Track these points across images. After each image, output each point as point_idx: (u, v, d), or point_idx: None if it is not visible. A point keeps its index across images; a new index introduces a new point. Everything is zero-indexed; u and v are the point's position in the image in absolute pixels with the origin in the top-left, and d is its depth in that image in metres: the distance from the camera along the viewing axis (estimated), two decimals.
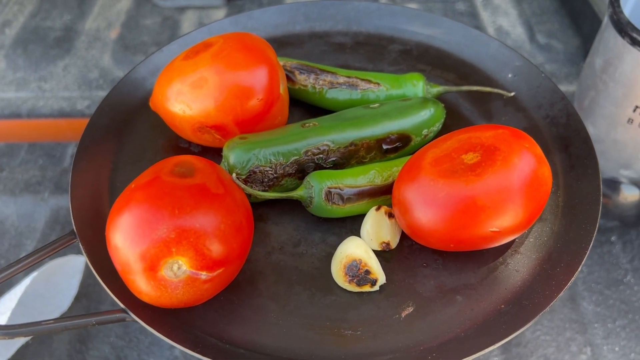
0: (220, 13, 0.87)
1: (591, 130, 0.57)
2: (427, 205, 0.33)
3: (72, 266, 0.57)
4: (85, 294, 0.58)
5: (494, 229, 0.33)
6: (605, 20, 0.54)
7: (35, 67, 0.80)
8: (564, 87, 0.76)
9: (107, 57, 0.82)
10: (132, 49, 0.83)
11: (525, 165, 0.33)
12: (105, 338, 0.56)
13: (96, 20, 0.88)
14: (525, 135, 0.34)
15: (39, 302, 0.55)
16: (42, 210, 0.65)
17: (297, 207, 0.39)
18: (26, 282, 0.53)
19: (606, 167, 0.60)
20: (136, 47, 0.84)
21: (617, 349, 0.55)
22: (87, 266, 0.58)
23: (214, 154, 0.42)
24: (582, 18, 0.83)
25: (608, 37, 0.53)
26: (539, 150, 0.34)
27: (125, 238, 0.30)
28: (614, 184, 0.61)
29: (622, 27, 0.49)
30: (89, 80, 0.79)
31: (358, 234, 0.38)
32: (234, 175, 0.34)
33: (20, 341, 0.54)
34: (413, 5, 0.86)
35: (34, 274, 0.55)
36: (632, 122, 0.53)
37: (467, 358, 0.30)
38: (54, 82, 0.79)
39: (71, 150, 0.70)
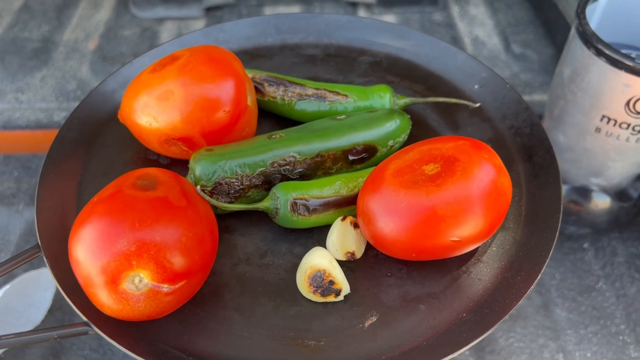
0: (200, 24, 0.87)
1: (561, 138, 0.58)
2: (389, 216, 0.34)
3: (46, 279, 0.57)
4: (59, 307, 0.58)
5: (455, 239, 0.33)
6: (572, 31, 0.55)
7: (12, 78, 0.80)
8: (538, 97, 0.78)
9: (85, 68, 0.82)
10: (111, 60, 0.83)
11: (484, 175, 0.33)
12: (79, 351, 0.55)
13: (74, 32, 0.88)
14: (485, 146, 0.35)
15: (11, 315, 0.55)
16: (17, 222, 0.64)
17: (264, 218, 0.39)
18: None
19: (577, 175, 0.61)
20: (114, 58, 0.84)
21: (589, 354, 0.56)
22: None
23: (182, 165, 0.42)
24: (556, 28, 0.85)
25: (575, 48, 0.54)
26: (498, 160, 0.34)
27: (86, 251, 0.30)
28: (585, 192, 0.62)
29: (588, 38, 0.50)
30: (67, 91, 0.79)
31: (324, 245, 0.38)
32: (198, 187, 0.34)
33: None
34: (391, 16, 0.87)
35: (6, 287, 0.55)
36: (599, 131, 0.54)
37: None
38: (31, 93, 0.78)
39: None
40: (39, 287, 0.57)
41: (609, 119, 0.52)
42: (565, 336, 0.57)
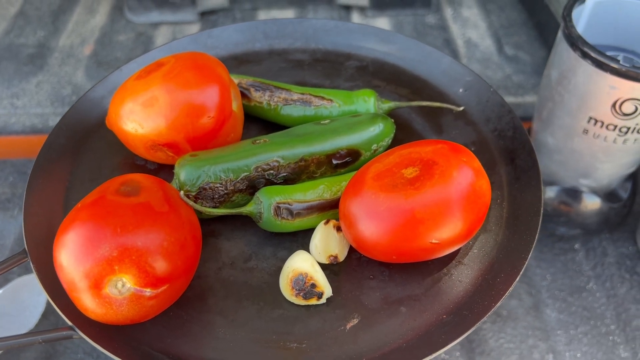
0: (194, 28, 0.88)
1: (550, 140, 0.58)
2: (369, 219, 0.34)
3: (38, 282, 0.58)
4: (53, 311, 0.58)
5: (434, 241, 0.34)
6: (559, 34, 0.55)
7: (7, 83, 0.81)
8: (530, 98, 0.78)
9: (81, 74, 0.83)
10: (106, 65, 0.84)
11: (462, 178, 0.34)
12: (73, 354, 0.56)
13: (70, 37, 0.89)
14: (464, 149, 0.35)
15: (5, 319, 0.56)
16: (12, 227, 0.65)
17: (249, 222, 0.40)
18: None
19: (566, 176, 0.61)
20: (110, 63, 0.84)
21: (579, 355, 0.56)
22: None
23: (169, 170, 0.43)
24: (548, 30, 0.85)
25: (562, 51, 0.54)
26: (477, 163, 0.35)
27: (70, 257, 0.31)
28: (575, 193, 0.63)
29: (574, 41, 0.51)
30: (62, 96, 0.80)
31: (309, 248, 0.38)
32: (181, 192, 0.35)
33: None
34: (384, 19, 0.88)
35: (0, 291, 0.55)
36: (587, 133, 0.54)
37: None
38: (26, 98, 0.79)
39: None
40: (32, 290, 0.57)
41: (596, 121, 0.52)
42: (555, 337, 0.58)
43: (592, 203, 0.62)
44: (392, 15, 0.87)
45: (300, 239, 0.39)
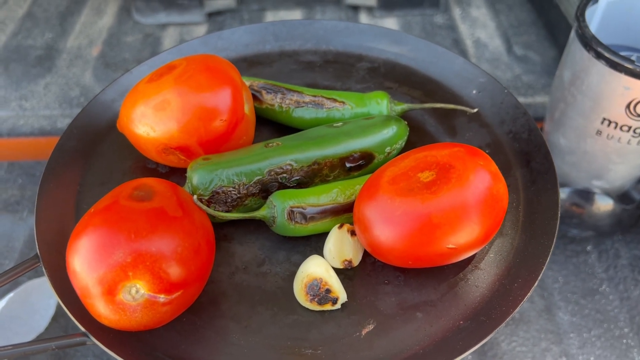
0: (201, 29, 0.88)
1: (562, 141, 0.58)
2: (385, 223, 0.34)
3: (49, 287, 0.57)
4: (63, 314, 0.58)
5: (451, 246, 0.33)
6: (572, 34, 0.55)
7: (16, 85, 0.81)
8: (540, 98, 0.77)
9: (89, 75, 0.83)
10: (114, 67, 0.84)
11: (480, 182, 0.33)
12: (83, 357, 0.56)
13: (78, 38, 0.88)
14: (481, 153, 0.35)
15: (15, 323, 0.55)
16: (21, 229, 0.65)
17: (262, 226, 0.39)
18: (2, 303, 0.53)
19: (579, 178, 0.61)
20: (117, 64, 0.84)
21: (592, 358, 0.56)
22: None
23: (181, 174, 0.43)
24: (557, 29, 0.84)
25: (575, 51, 0.54)
26: (494, 167, 0.34)
27: (83, 263, 0.31)
28: (587, 195, 0.62)
29: (587, 41, 0.50)
30: (70, 98, 0.80)
31: (322, 252, 0.38)
32: (195, 197, 0.35)
33: None
34: (392, 19, 0.87)
35: (10, 295, 0.55)
36: (600, 134, 0.53)
37: None
38: (34, 100, 0.79)
39: None
40: (42, 294, 0.57)
41: (610, 122, 0.52)
42: (568, 340, 0.57)
43: (604, 205, 0.62)
44: (400, 15, 0.87)
45: (314, 243, 0.39)
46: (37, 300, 0.57)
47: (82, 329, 0.32)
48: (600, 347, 0.56)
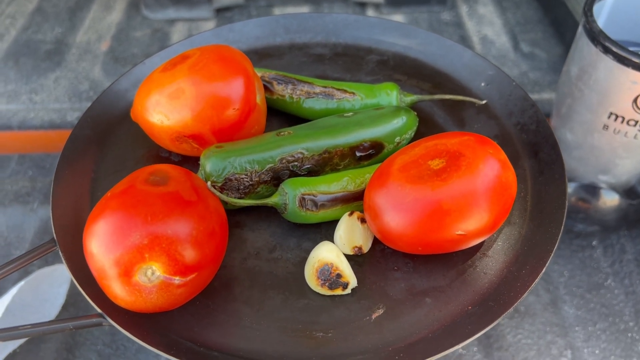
0: (210, 25, 0.88)
1: (569, 136, 0.58)
2: (395, 210, 0.34)
3: (60, 275, 0.58)
4: (73, 302, 0.59)
5: (460, 232, 0.34)
6: (580, 29, 0.55)
7: (26, 79, 0.82)
8: (547, 95, 0.78)
9: (98, 69, 0.84)
10: (122, 61, 0.85)
11: (489, 170, 0.34)
12: (93, 346, 0.56)
13: (87, 33, 0.89)
14: (490, 141, 0.35)
15: (26, 310, 0.56)
16: (32, 220, 0.66)
17: (273, 213, 0.40)
18: (13, 291, 0.54)
19: (585, 172, 0.61)
20: (126, 59, 0.85)
21: (597, 351, 0.56)
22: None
23: (193, 162, 0.43)
24: (564, 27, 0.85)
25: (582, 46, 0.54)
26: (503, 155, 0.35)
27: (100, 245, 0.31)
28: (593, 189, 0.62)
29: (595, 36, 0.51)
30: (79, 92, 0.80)
31: (332, 239, 0.39)
32: (208, 183, 0.35)
33: (7, 350, 0.55)
34: (399, 16, 0.88)
35: (21, 283, 0.56)
36: (607, 129, 0.54)
37: (432, 357, 0.31)
38: (44, 94, 0.80)
39: None
40: (53, 283, 0.58)
41: (617, 116, 0.52)
42: (573, 333, 0.58)
43: (610, 199, 0.62)
44: (407, 12, 0.87)
45: (324, 231, 0.39)
46: (48, 288, 0.58)
47: (99, 310, 0.33)
48: (605, 341, 0.57)
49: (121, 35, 0.89)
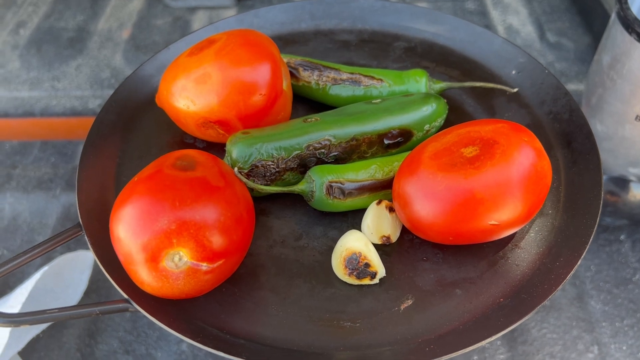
0: (231, 13, 0.88)
1: (599, 127, 0.57)
2: (426, 199, 0.33)
3: (82, 261, 0.58)
4: (95, 289, 0.59)
5: (493, 222, 0.33)
6: (613, 17, 0.53)
7: (48, 66, 0.82)
8: (574, 86, 0.76)
9: (119, 57, 0.83)
10: (144, 49, 0.84)
11: (524, 158, 0.33)
12: (114, 332, 0.56)
13: (108, 21, 0.89)
14: (525, 129, 0.34)
15: (49, 296, 0.56)
16: (54, 207, 0.66)
17: (299, 201, 0.39)
18: (36, 276, 0.54)
19: (615, 165, 0.60)
20: (147, 47, 0.85)
21: (624, 347, 0.55)
22: (96, 261, 0.59)
23: (218, 149, 0.43)
24: (592, 16, 0.83)
25: (615, 34, 0.53)
26: (538, 144, 0.34)
27: (127, 230, 0.31)
28: (622, 182, 0.61)
29: (630, 23, 0.49)
30: (101, 79, 0.80)
31: (359, 228, 0.38)
32: (235, 169, 0.35)
33: (30, 334, 0.55)
34: (423, 4, 0.86)
35: (45, 269, 0.56)
36: (639, 119, 0.52)
37: (464, 349, 0.30)
38: (66, 81, 0.80)
39: None
40: (75, 269, 0.58)
41: None
42: (600, 328, 0.56)
43: None
44: (431, 0, 0.86)
45: (350, 220, 0.39)
46: (70, 274, 0.58)
47: (125, 295, 0.33)
48: (633, 337, 0.55)
49: (142, 23, 0.89)
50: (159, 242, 0.30)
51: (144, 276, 0.31)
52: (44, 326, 0.56)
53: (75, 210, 0.65)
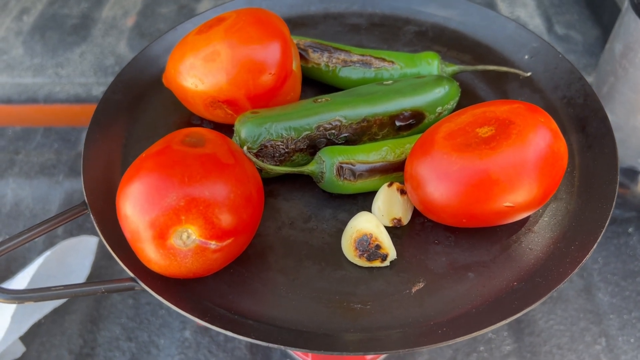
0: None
1: (610, 118, 0.56)
2: (439, 180, 0.33)
3: (85, 246, 0.58)
4: (98, 275, 0.59)
5: (508, 204, 0.32)
6: (626, 4, 0.53)
7: (52, 53, 0.81)
8: None
9: (123, 45, 0.83)
10: (148, 37, 0.84)
11: (540, 139, 0.32)
12: (117, 319, 0.56)
13: (113, 9, 0.88)
14: (541, 110, 0.34)
15: (51, 281, 0.56)
16: (57, 192, 0.65)
17: (307, 183, 0.39)
18: (39, 261, 0.53)
19: (625, 155, 0.59)
20: (152, 34, 0.84)
21: (632, 340, 0.54)
22: (100, 247, 0.58)
23: (225, 130, 0.42)
24: (602, 9, 0.82)
25: (628, 22, 0.52)
26: (554, 125, 0.33)
27: (134, 206, 0.30)
28: (632, 174, 0.60)
29: None
30: (105, 66, 0.80)
31: (369, 211, 0.37)
32: (245, 148, 0.34)
33: (32, 319, 0.54)
34: None
35: (47, 254, 0.55)
36: None
37: (477, 332, 0.29)
38: (70, 68, 0.79)
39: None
40: (78, 254, 0.57)
41: None
42: (607, 321, 0.56)
43: None
44: None
45: (360, 202, 0.38)
46: (73, 260, 0.57)
47: (131, 274, 0.32)
48: None
49: (147, 10, 0.88)
50: (167, 219, 0.30)
51: (151, 254, 0.31)
52: (46, 311, 0.55)
53: (79, 196, 0.64)
